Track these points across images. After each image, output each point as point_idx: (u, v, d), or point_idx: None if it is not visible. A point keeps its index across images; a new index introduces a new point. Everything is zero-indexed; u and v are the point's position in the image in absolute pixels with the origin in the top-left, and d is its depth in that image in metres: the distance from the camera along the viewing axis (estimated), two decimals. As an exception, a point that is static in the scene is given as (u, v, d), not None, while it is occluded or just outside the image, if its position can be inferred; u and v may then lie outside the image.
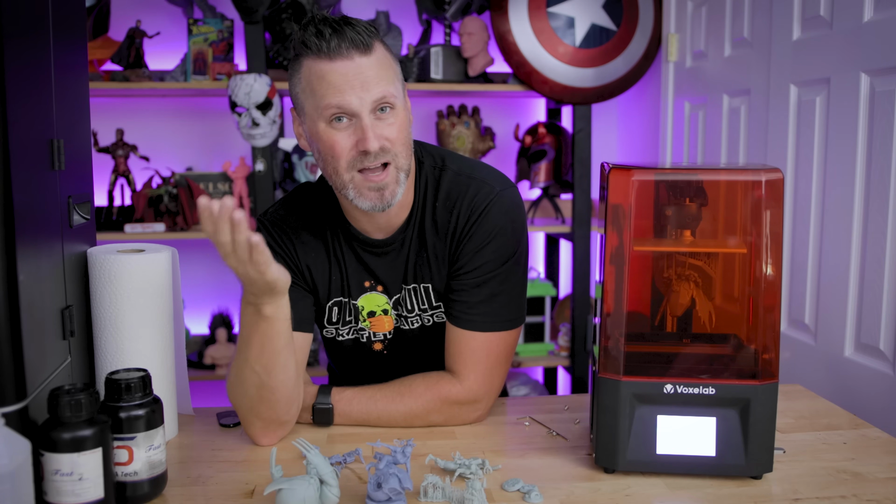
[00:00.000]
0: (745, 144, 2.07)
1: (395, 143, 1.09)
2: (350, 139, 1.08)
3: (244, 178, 2.60)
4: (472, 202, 1.18)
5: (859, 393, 1.57)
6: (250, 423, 1.11)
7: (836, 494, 0.96)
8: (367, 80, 1.06)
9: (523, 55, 2.55)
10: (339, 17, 1.07)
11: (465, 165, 1.23)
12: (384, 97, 1.07)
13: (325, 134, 1.08)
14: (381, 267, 1.21)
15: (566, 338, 2.80)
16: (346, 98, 1.05)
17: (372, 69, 1.06)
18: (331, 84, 1.06)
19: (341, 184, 1.11)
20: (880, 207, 1.52)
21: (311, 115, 1.10)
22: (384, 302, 1.23)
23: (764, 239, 0.97)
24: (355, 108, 1.06)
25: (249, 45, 2.47)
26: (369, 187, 1.10)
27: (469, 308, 1.17)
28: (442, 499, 0.94)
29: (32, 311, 0.89)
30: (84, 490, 0.84)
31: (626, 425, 0.99)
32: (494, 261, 1.17)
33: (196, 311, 2.82)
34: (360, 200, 1.11)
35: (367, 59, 1.06)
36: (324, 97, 1.06)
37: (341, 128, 1.08)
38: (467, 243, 1.17)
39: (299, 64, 1.09)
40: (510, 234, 1.19)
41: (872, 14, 1.56)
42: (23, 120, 0.88)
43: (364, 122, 1.06)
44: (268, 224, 1.22)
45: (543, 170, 2.71)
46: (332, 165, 1.10)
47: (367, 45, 1.06)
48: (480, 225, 1.17)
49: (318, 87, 1.07)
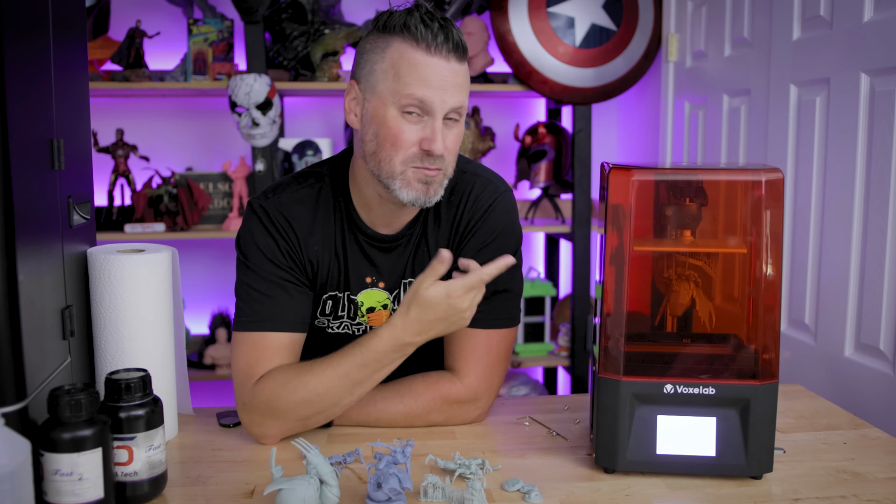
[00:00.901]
0: (745, 144, 2.07)
1: (451, 152, 1.10)
2: (417, 135, 1.07)
3: (244, 178, 2.60)
4: (477, 199, 1.19)
5: (859, 393, 1.57)
6: (285, 429, 1.10)
7: (836, 494, 0.96)
8: (454, 85, 1.07)
9: (523, 55, 2.55)
10: (442, 15, 1.08)
11: (468, 163, 1.24)
12: (461, 106, 1.09)
13: (395, 121, 1.07)
14: (385, 263, 1.21)
15: (566, 338, 2.80)
16: (430, 94, 1.05)
17: (459, 77, 1.08)
18: (421, 76, 1.05)
19: (390, 173, 1.09)
20: (880, 207, 1.52)
21: (384, 97, 1.08)
22: (385, 298, 1.23)
23: (764, 239, 0.97)
24: (435, 108, 1.06)
25: (249, 45, 2.47)
26: (419, 179, 1.09)
27: None
28: (442, 499, 0.94)
29: (32, 311, 0.89)
30: (84, 490, 0.84)
31: (626, 425, 0.99)
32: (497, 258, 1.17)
33: (196, 311, 2.82)
34: (405, 191, 1.09)
35: (461, 67, 1.08)
36: (408, 85, 1.05)
37: (412, 120, 1.07)
38: (471, 239, 1.18)
39: (386, 42, 1.08)
40: (511, 234, 1.20)
41: (872, 14, 1.56)
42: (23, 120, 0.88)
43: (437, 124, 1.07)
44: (269, 212, 1.16)
45: (543, 170, 2.71)
46: (387, 153, 1.09)
47: (465, 52, 1.08)
48: (485, 222, 1.18)
49: (407, 73, 1.06)
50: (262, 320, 1.13)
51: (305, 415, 1.10)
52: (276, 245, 1.15)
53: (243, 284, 1.16)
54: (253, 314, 1.14)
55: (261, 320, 1.13)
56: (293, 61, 2.56)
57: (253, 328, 1.13)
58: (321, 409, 1.10)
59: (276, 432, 1.11)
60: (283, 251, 1.16)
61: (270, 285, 1.14)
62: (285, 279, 1.15)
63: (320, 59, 2.54)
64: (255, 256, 1.15)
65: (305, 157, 2.62)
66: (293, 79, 2.59)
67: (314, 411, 1.10)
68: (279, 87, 2.48)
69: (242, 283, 1.16)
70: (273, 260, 1.15)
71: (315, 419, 1.11)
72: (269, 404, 1.09)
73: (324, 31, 2.55)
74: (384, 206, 1.16)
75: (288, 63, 2.56)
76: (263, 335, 1.13)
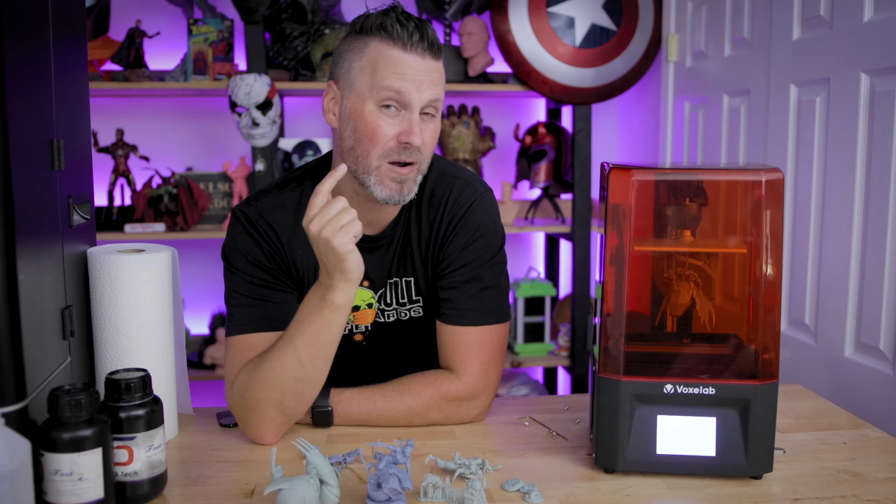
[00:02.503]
0: (745, 144, 2.07)
1: (427, 147, 1.12)
2: (394, 129, 1.09)
3: (244, 178, 2.60)
4: (456, 200, 1.21)
5: (859, 393, 1.57)
6: (266, 419, 1.09)
7: (836, 494, 0.96)
8: (429, 80, 1.10)
9: (523, 55, 2.55)
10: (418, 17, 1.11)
11: (448, 166, 1.26)
12: (437, 99, 1.11)
13: (372, 115, 1.09)
14: (369, 263, 1.21)
15: (566, 338, 2.80)
16: (407, 87, 1.08)
17: (435, 74, 1.11)
18: (398, 70, 1.08)
19: (366, 168, 1.11)
20: (880, 207, 1.52)
21: (362, 93, 1.10)
22: (370, 297, 1.24)
23: (764, 239, 0.97)
24: (412, 100, 1.08)
25: (249, 45, 2.47)
26: (393, 178, 1.11)
27: (460, 304, 1.19)
28: (442, 499, 0.94)
29: (32, 311, 0.89)
30: (84, 490, 0.84)
31: (626, 425, 0.99)
32: (482, 256, 1.20)
33: (196, 311, 2.82)
34: (379, 189, 1.12)
35: (435, 64, 1.11)
36: (386, 79, 1.08)
37: (390, 114, 1.09)
38: (453, 240, 1.20)
39: (364, 42, 1.11)
40: (493, 233, 1.22)
41: (872, 14, 1.56)
42: (23, 120, 0.88)
43: (414, 117, 1.09)
44: (251, 217, 1.18)
45: (543, 170, 2.71)
46: (364, 148, 1.11)
47: (439, 51, 1.12)
48: (465, 223, 1.20)
49: (384, 69, 1.08)
50: (248, 323, 1.15)
51: (274, 397, 1.08)
52: (259, 248, 1.17)
53: (230, 291, 1.18)
54: (240, 317, 1.16)
55: (247, 323, 1.15)
56: (293, 61, 2.56)
57: (240, 331, 1.15)
58: (283, 385, 1.07)
59: (264, 428, 1.10)
60: (267, 253, 1.18)
61: (255, 288, 1.16)
62: (269, 282, 1.17)
63: (320, 59, 2.54)
64: (238, 261, 1.17)
65: (305, 157, 2.62)
66: (293, 79, 2.59)
67: (279, 390, 1.08)
68: (279, 87, 2.48)
69: (229, 290, 1.18)
70: (256, 263, 1.17)
71: (287, 402, 1.09)
72: (242, 395, 1.10)
73: (324, 31, 2.55)
74: (363, 205, 1.16)
75: (288, 63, 2.56)
76: (249, 337, 1.14)
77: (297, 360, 1.07)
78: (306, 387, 1.09)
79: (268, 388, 1.08)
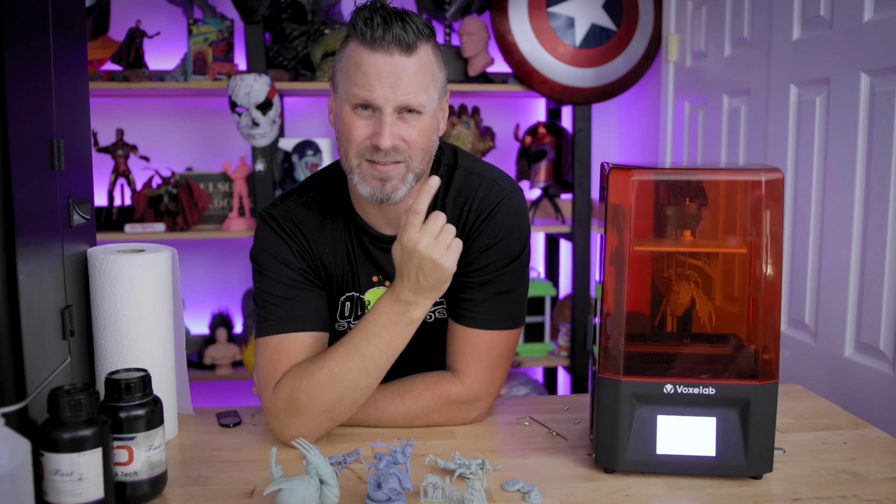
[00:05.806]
0: (745, 144, 2.07)
1: (412, 145, 1.10)
2: (367, 129, 1.09)
3: (244, 178, 2.60)
4: (482, 201, 1.18)
5: (859, 393, 1.57)
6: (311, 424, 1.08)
7: (836, 494, 0.96)
8: (398, 80, 1.06)
9: (523, 55, 2.55)
10: (396, 10, 1.07)
11: (476, 164, 1.24)
12: (408, 104, 1.07)
13: (347, 117, 1.10)
14: (389, 262, 1.20)
15: (566, 338, 2.80)
16: (373, 94, 1.06)
17: (408, 72, 1.06)
18: (364, 74, 1.06)
19: (349, 167, 1.12)
20: (880, 207, 1.51)
21: (341, 96, 1.11)
22: None
23: (764, 239, 0.97)
24: (380, 103, 1.07)
25: (249, 45, 2.47)
26: (373, 175, 1.11)
27: (474, 306, 1.17)
28: (442, 499, 0.94)
29: (32, 311, 0.89)
30: (84, 490, 0.84)
31: (626, 425, 0.99)
32: (501, 260, 1.18)
33: (196, 311, 2.82)
34: (362, 186, 1.12)
35: (406, 60, 1.06)
36: (354, 85, 1.07)
37: (364, 116, 1.09)
38: (475, 241, 1.18)
39: (346, 43, 1.11)
40: (517, 235, 1.19)
41: (872, 14, 1.56)
42: (23, 120, 0.88)
43: (384, 119, 1.07)
44: (278, 218, 1.19)
45: (543, 170, 2.71)
46: (344, 147, 1.12)
47: (409, 45, 1.06)
48: (489, 224, 1.18)
49: (354, 73, 1.08)
50: (280, 323, 1.14)
51: (328, 404, 1.07)
52: (287, 248, 1.17)
53: (260, 292, 1.17)
54: (272, 318, 1.14)
55: (279, 323, 1.14)
56: (293, 61, 2.56)
57: (272, 332, 1.14)
58: (341, 393, 1.07)
59: (305, 432, 1.08)
60: (295, 253, 1.17)
61: (286, 288, 1.15)
62: (300, 281, 1.16)
63: (320, 59, 2.54)
64: (267, 262, 1.17)
65: (305, 157, 2.62)
66: (293, 79, 2.59)
67: (335, 398, 1.07)
68: (279, 87, 2.48)
69: (259, 291, 1.17)
70: (286, 263, 1.16)
71: (339, 409, 1.08)
72: (290, 400, 1.08)
73: (324, 31, 2.55)
74: (376, 206, 1.17)
75: (288, 63, 2.56)
76: (283, 337, 1.13)
77: (363, 370, 1.06)
78: (363, 395, 1.10)
79: (323, 394, 1.07)
